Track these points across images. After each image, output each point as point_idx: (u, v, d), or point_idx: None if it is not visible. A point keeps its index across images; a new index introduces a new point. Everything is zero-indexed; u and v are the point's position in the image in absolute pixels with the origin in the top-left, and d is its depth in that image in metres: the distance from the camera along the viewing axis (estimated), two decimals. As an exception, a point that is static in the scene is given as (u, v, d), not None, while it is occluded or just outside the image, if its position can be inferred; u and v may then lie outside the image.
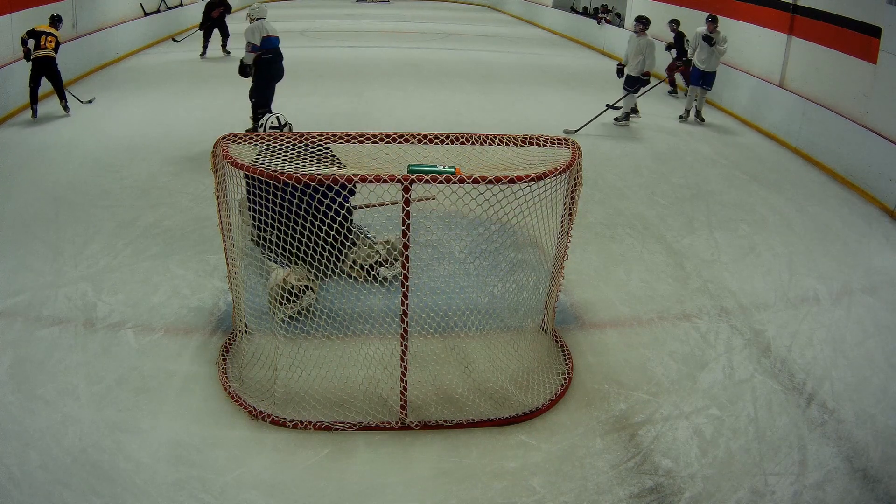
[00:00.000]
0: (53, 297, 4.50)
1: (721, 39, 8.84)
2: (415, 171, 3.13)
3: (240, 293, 3.90)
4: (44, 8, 9.57)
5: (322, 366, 3.63)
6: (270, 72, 7.56)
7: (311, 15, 20.02)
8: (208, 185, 4.51)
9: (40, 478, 3.06)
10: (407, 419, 3.45)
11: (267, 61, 7.51)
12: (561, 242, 3.81)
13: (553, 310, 4.09)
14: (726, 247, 5.58)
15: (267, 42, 7.47)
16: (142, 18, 13.76)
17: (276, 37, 7.60)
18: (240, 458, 3.23)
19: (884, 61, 7.04)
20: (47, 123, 8.27)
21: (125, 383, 3.71)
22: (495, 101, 10.14)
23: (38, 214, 5.73)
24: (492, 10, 24.36)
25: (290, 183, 3.12)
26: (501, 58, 14.02)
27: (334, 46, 14.52)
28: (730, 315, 4.57)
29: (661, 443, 3.41)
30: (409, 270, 3.25)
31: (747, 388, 3.84)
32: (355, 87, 10.62)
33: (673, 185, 6.94)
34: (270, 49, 7.50)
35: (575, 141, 3.63)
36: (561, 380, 3.81)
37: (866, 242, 5.85)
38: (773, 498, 3.11)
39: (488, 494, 3.08)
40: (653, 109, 9.75)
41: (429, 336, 3.78)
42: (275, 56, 7.56)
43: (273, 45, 7.54)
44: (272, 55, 7.52)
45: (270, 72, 7.56)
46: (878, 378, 3.97)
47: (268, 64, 7.52)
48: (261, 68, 7.54)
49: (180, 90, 10.20)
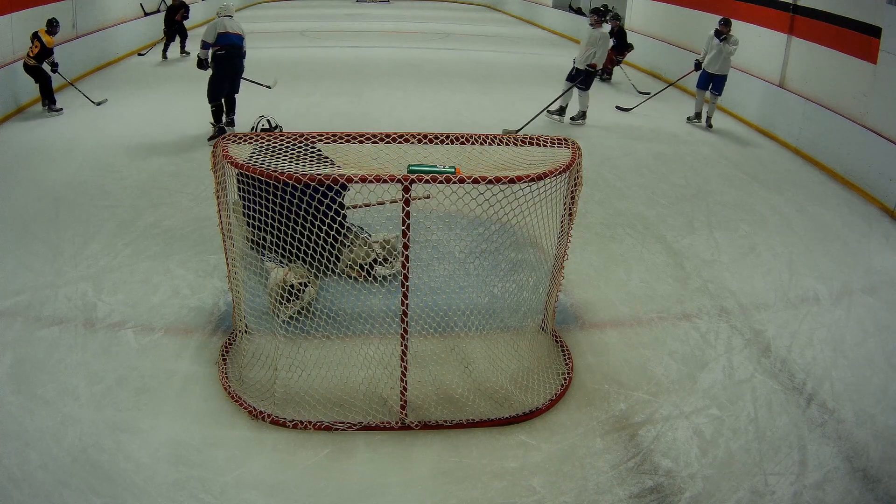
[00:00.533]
0: (53, 297, 4.50)
1: (733, 41, 8.66)
2: (415, 171, 3.13)
3: (240, 293, 3.90)
4: (44, 8, 9.57)
5: (322, 366, 3.63)
6: (221, 68, 7.63)
7: (311, 15, 20.02)
8: (208, 185, 4.52)
9: (40, 478, 3.06)
10: (407, 419, 3.45)
11: (220, 57, 7.59)
12: (561, 242, 3.81)
13: (553, 310, 4.09)
14: (726, 247, 5.58)
15: (222, 38, 7.53)
16: (142, 18, 13.75)
17: (235, 34, 7.63)
18: (240, 458, 3.23)
19: (884, 61, 7.04)
20: (47, 123, 8.27)
21: (125, 383, 3.71)
22: (495, 101, 10.14)
23: (38, 214, 5.73)
24: (492, 10, 24.36)
25: (284, 182, 3.12)
26: (501, 58, 14.01)
27: (334, 46, 14.52)
28: (730, 315, 4.57)
29: (661, 443, 3.41)
30: (408, 270, 3.25)
31: (747, 388, 3.84)
32: (355, 87, 10.62)
33: (673, 185, 6.94)
34: (225, 45, 7.55)
35: (575, 141, 3.63)
36: (561, 380, 3.81)
37: (866, 242, 5.85)
38: (773, 498, 3.11)
39: (488, 494, 3.08)
40: (653, 109, 9.75)
41: (429, 336, 3.78)
42: (229, 52, 7.59)
43: (229, 41, 7.57)
44: (226, 52, 7.57)
45: (221, 68, 7.63)
46: (878, 378, 3.97)
47: (220, 60, 7.60)
48: (215, 63, 7.67)
49: (180, 90, 10.19)
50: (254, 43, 14.00)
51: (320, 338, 3.79)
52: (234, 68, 7.74)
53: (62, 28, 8.82)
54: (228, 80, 7.75)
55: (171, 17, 12.62)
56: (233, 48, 7.60)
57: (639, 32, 13.65)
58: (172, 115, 8.89)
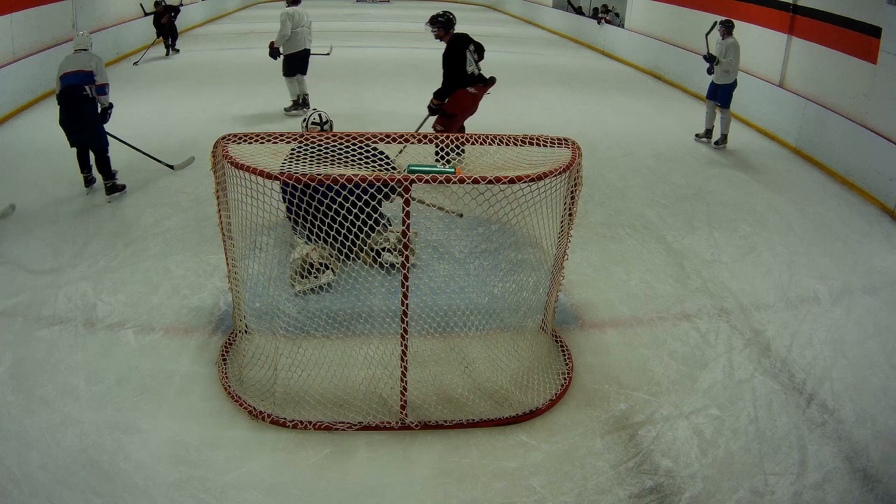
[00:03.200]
0: (53, 297, 4.50)
1: (724, 50, 7.84)
2: (415, 171, 3.13)
3: (240, 293, 3.90)
4: (44, 8, 9.57)
5: (322, 366, 3.64)
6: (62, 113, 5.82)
7: (312, 15, 19.98)
8: (208, 185, 4.52)
9: (40, 478, 3.06)
10: (407, 419, 3.45)
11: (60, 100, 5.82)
12: (561, 242, 3.81)
13: (553, 310, 4.09)
14: (726, 247, 5.58)
15: (60, 82, 5.82)
16: (142, 18, 13.76)
17: (70, 73, 5.75)
18: (240, 458, 3.23)
19: (884, 61, 7.04)
20: (47, 123, 8.26)
21: (125, 383, 3.71)
22: (495, 101, 10.11)
23: (38, 214, 5.73)
24: (492, 10, 24.35)
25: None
26: (501, 58, 14.00)
27: (334, 46, 14.51)
28: (730, 315, 4.57)
29: (661, 443, 3.41)
30: (408, 270, 3.25)
31: (747, 388, 3.84)
32: (355, 87, 10.62)
33: (673, 185, 6.94)
34: (61, 90, 5.80)
35: (575, 141, 3.63)
36: (561, 380, 3.81)
37: (866, 242, 5.85)
38: (773, 498, 3.11)
39: (488, 494, 3.08)
40: (654, 109, 9.75)
41: (429, 336, 3.78)
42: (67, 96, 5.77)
43: (63, 84, 5.79)
44: (59, 98, 5.80)
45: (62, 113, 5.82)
46: (878, 378, 3.97)
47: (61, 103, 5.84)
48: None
49: (180, 90, 10.20)
50: (253, 43, 14.08)
51: (320, 338, 3.79)
52: (76, 113, 5.83)
53: (62, 28, 8.81)
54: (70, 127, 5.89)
55: (158, 22, 12.79)
56: (69, 89, 5.78)
57: (639, 32, 13.66)
58: (172, 115, 8.89)
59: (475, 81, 6.42)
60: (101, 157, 6.06)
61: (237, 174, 3.36)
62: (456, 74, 6.32)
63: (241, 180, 3.38)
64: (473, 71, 6.40)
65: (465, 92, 6.40)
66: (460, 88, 6.38)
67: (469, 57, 6.39)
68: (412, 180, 3.06)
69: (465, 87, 6.38)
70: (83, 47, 6.01)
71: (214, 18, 19.20)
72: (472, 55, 6.45)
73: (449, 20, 6.47)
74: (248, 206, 3.45)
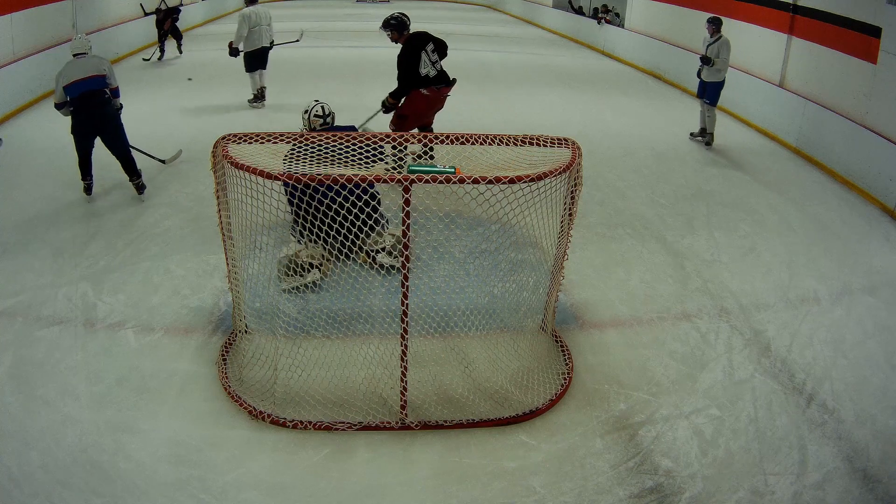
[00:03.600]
0: (53, 297, 4.50)
1: (716, 50, 7.86)
2: (415, 171, 3.13)
3: (240, 293, 3.90)
4: (44, 8, 9.57)
5: (322, 366, 3.64)
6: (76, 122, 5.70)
7: (312, 15, 20.01)
8: (208, 185, 4.51)
9: (40, 478, 3.06)
10: (407, 419, 3.45)
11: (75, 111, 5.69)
12: (561, 242, 3.81)
13: (553, 310, 4.09)
14: (726, 247, 5.57)
15: (70, 90, 5.60)
16: (142, 18, 13.75)
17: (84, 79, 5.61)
18: (240, 458, 3.23)
19: (884, 61, 7.04)
20: (47, 123, 8.26)
21: (125, 383, 3.71)
22: (495, 101, 10.13)
23: (38, 214, 5.73)
24: (492, 10, 24.34)
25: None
26: (501, 58, 14.01)
27: (334, 46, 14.51)
28: (730, 315, 4.57)
29: (661, 443, 3.41)
30: (408, 270, 3.25)
31: (747, 388, 3.84)
32: (355, 87, 10.61)
33: (673, 185, 6.94)
34: (74, 97, 5.61)
35: (575, 141, 3.63)
36: (561, 380, 3.81)
37: (866, 242, 5.85)
38: (773, 498, 3.11)
39: (488, 494, 3.08)
40: (653, 109, 9.75)
41: (429, 336, 3.78)
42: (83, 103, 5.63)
43: (77, 92, 5.59)
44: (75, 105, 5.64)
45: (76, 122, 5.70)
46: (878, 378, 3.97)
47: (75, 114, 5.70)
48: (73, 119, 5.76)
49: (180, 90, 10.20)
50: (254, 43, 14.06)
51: (320, 338, 3.79)
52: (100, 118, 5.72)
53: (62, 28, 8.80)
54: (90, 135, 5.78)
55: (161, 27, 12.80)
56: (83, 98, 5.62)
57: (639, 32, 13.66)
58: (172, 115, 8.89)
59: (430, 83, 6.41)
60: (126, 158, 6.01)
61: (237, 174, 3.36)
62: (409, 76, 6.34)
63: (241, 180, 3.39)
64: (428, 73, 6.39)
65: (418, 93, 6.39)
66: (414, 90, 6.39)
67: (425, 58, 6.37)
68: (412, 180, 3.06)
69: (418, 89, 6.39)
70: (84, 51, 5.89)
71: (214, 18, 19.19)
72: (431, 55, 6.43)
73: (401, 22, 6.48)
74: (248, 206, 3.46)
